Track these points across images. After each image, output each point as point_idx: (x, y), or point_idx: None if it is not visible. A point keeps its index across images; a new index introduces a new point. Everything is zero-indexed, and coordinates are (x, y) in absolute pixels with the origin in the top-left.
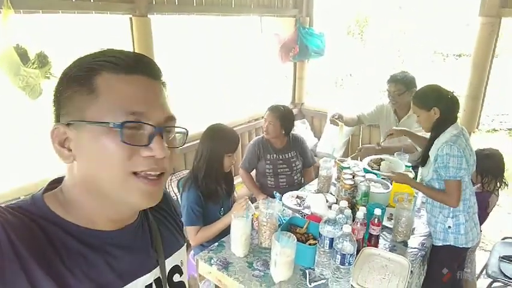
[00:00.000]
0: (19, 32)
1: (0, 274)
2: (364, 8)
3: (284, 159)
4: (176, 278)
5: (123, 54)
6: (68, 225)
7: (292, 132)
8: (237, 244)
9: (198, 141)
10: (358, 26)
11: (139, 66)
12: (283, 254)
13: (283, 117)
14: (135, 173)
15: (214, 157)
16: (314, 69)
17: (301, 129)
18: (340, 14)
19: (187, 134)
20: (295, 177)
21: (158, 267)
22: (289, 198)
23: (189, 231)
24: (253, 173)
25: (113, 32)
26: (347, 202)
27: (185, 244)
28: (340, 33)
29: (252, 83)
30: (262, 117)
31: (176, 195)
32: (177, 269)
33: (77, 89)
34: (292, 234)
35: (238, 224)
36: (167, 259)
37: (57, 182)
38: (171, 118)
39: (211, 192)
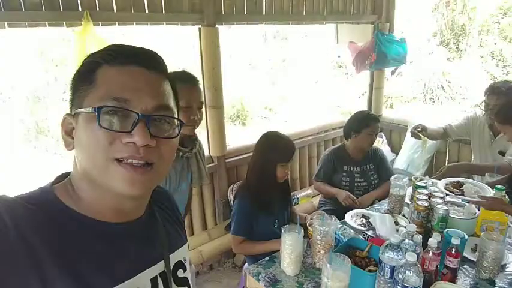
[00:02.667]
0: (97, 43)
1: (12, 265)
2: (460, 14)
3: (361, 171)
4: (180, 273)
5: (123, 47)
6: (78, 216)
7: None
8: (287, 261)
9: None
10: (453, 34)
11: (135, 57)
12: (334, 278)
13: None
14: (118, 160)
15: (266, 166)
16: (401, 81)
17: (376, 143)
18: (430, 20)
19: (181, 126)
20: None
21: (163, 261)
22: (354, 217)
23: (232, 239)
24: None
25: (183, 42)
26: (417, 226)
27: (187, 242)
28: (431, 42)
29: (322, 94)
30: (334, 128)
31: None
32: (181, 265)
33: (81, 82)
34: (346, 257)
35: (288, 239)
36: (171, 254)
37: (65, 176)
38: (163, 108)
39: (264, 204)
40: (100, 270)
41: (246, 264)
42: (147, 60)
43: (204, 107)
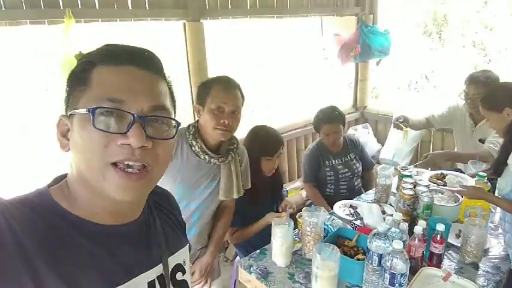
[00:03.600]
0: (81, 40)
1: (5, 267)
2: (442, 4)
3: (344, 162)
4: (179, 276)
5: (119, 47)
6: (72, 218)
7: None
8: (278, 253)
9: None
10: (435, 25)
11: (130, 57)
12: (324, 268)
13: (343, 120)
14: (115, 165)
15: (251, 159)
16: (386, 71)
17: (362, 134)
18: (413, 11)
19: (177, 126)
20: (356, 183)
21: (161, 264)
22: (342, 207)
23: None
24: None
25: (167, 38)
26: (403, 214)
27: (188, 244)
28: (415, 32)
29: (309, 86)
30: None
31: None
32: (180, 268)
33: (76, 83)
34: (335, 247)
35: (278, 232)
36: (170, 257)
37: (62, 178)
38: (160, 108)
39: (252, 197)
40: (95, 273)
41: (238, 258)
42: (143, 60)
43: (240, 111)
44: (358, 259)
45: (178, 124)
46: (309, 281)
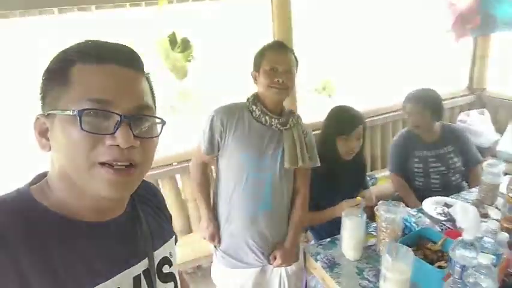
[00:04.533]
0: (173, 20)
1: None
2: None
3: (437, 155)
4: (166, 269)
5: (99, 44)
6: (56, 217)
7: (446, 122)
8: (347, 245)
9: None
10: None
11: (112, 56)
12: (395, 270)
13: (433, 103)
14: (102, 164)
15: (327, 138)
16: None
17: (476, 121)
18: None
19: (163, 125)
20: (453, 178)
21: (146, 258)
22: (433, 205)
23: None
24: None
25: (254, 13)
26: (507, 222)
27: (174, 236)
28: None
29: (413, 64)
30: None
31: None
32: (166, 260)
33: (54, 81)
34: (409, 248)
35: (348, 223)
36: (156, 251)
37: (43, 175)
38: (145, 107)
39: (329, 181)
40: (80, 270)
41: (312, 242)
42: (124, 58)
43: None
44: (439, 266)
45: (164, 123)
46: (379, 280)
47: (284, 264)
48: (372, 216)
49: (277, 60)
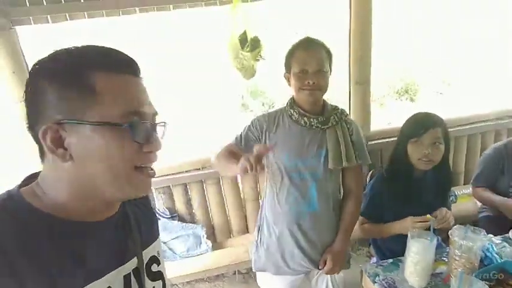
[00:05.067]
0: (246, 19)
1: None
2: None
3: None
4: (154, 267)
5: (114, 53)
6: (48, 217)
7: None
8: (410, 270)
9: None
10: None
11: (127, 65)
12: None
13: None
14: (137, 168)
15: (396, 145)
16: None
17: None
18: None
19: (165, 127)
20: None
21: (136, 257)
22: None
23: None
24: None
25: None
26: None
27: (159, 236)
28: None
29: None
30: None
31: None
32: (154, 259)
33: (70, 88)
34: (485, 284)
35: (413, 247)
36: (145, 250)
37: (31, 177)
38: (157, 114)
39: (401, 191)
40: (72, 269)
41: (374, 259)
42: (135, 68)
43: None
44: None
45: (166, 124)
46: None
47: (336, 268)
48: (447, 239)
49: (306, 60)
